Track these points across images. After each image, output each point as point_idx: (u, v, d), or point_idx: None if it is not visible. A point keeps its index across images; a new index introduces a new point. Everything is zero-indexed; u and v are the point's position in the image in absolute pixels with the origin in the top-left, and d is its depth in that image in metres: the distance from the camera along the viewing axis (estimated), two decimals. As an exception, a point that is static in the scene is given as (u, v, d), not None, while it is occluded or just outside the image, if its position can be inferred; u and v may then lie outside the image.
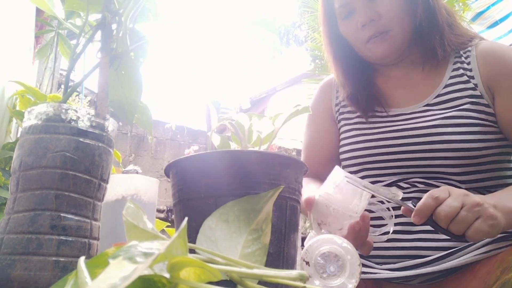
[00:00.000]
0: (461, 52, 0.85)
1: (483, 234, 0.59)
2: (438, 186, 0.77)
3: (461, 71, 0.83)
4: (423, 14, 0.82)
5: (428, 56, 0.85)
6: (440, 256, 0.72)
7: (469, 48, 0.85)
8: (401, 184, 0.80)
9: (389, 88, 0.90)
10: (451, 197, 0.60)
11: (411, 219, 0.76)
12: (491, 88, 0.80)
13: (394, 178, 0.81)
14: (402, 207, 0.65)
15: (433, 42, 0.83)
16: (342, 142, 0.90)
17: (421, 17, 0.82)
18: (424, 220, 0.61)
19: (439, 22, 0.83)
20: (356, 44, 0.88)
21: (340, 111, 0.95)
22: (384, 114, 0.87)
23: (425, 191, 0.74)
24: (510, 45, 2.90)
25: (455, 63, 0.85)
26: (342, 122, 0.93)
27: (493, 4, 3.00)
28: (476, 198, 0.60)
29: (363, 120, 0.89)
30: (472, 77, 0.82)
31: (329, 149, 0.94)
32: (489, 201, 0.61)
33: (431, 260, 0.73)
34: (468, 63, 0.83)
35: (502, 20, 2.94)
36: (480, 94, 0.80)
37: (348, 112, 0.93)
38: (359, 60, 0.92)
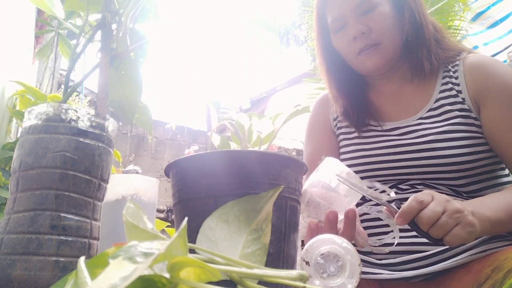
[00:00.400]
0: (450, 66, 0.89)
1: (460, 240, 0.60)
2: (437, 188, 0.79)
3: (450, 85, 0.86)
4: (410, 30, 0.86)
5: (416, 69, 0.88)
6: (438, 252, 0.74)
7: (457, 62, 0.88)
8: (401, 186, 0.82)
9: (382, 103, 0.93)
10: (434, 202, 0.62)
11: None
12: (477, 102, 0.83)
13: (395, 182, 0.83)
14: (385, 208, 0.66)
15: (420, 56, 0.86)
16: (341, 157, 0.91)
17: (407, 32, 0.86)
18: (407, 222, 0.62)
19: (426, 37, 0.87)
20: (349, 57, 0.90)
21: (338, 125, 0.97)
22: (379, 128, 0.90)
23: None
24: (510, 45, 2.90)
25: (444, 77, 0.88)
26: (341, 137, 0.96)
27: (493, 4, 3.00)
28: (457, 204, 0.62)
29: (360, 134, 0.91)
30: (460, 92, 0.85)
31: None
32: (468, 208, 0.63)
33: (430, 255, 0.74)
34: (456, 78, 0.87)
35: (502, 20, 2.95)
36: (468, 108, 0.83)
37: (346, 126, 0.95)
38: (352, 74, 0.95)
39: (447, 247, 0.74)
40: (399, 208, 0.63)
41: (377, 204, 0.72)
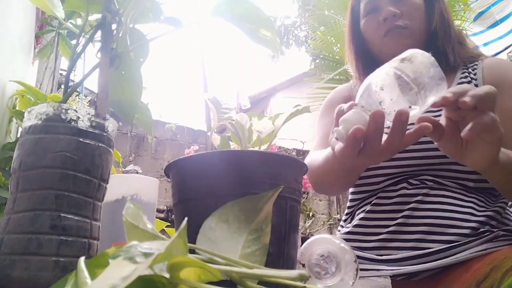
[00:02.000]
0: (469, 65, 0.92)
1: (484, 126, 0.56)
2: (447, 184, 0.80)
3: (469, 78, 0.90)
4: (439, 24, 0.90)
5: (439, 61, 0.89)
6: (441, 249, 0.74)
7: (476, 63, 0.92)
8: (412, 181, 0.83)
9: None
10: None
11: (412, 213, 0.78)
12: None
13: (405, 176, 0.85)
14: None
15: (446, 49, 0.90)
16: None
17: (436, 25, 0.90)
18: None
19: (451, 35, 0.91)
20: (374, 40, 0.94)
21: None
22: None
23: (435, 188, 0.80)
24: (510, 45, 2.90)
25: (463, 72, 0.92)
26: None
27: (493, 4, 3.00)
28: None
29: None
30: (477, 86, 0.87)
31: None
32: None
33: (432, 252, 0.75)
34: (475, 74, 0.90)
35: (502, 20, 2.95)
36: None
37: None
38: (376, 63, 0.97)
39: (452, 244, 0.74)
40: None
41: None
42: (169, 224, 1.10)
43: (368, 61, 1.00)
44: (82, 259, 0.28)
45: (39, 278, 0.46)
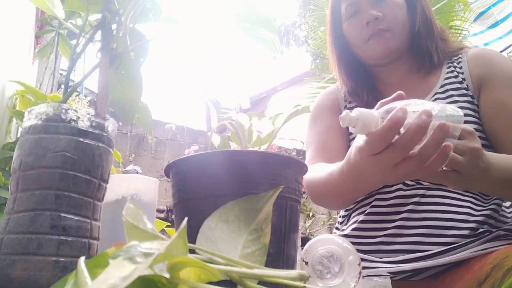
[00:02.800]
0: (454, 59, 0.93)
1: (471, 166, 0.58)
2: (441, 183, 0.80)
3: (455, 73, 0.90)
4: (421, 23, 0.90)
5: (423, 61, 0.91)
6: (440, 251, 0.74)
7: (460, 55, 0.92)
8: (407, 181, 0.83)
9: (389, 93, 0.94)
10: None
11: (410, 215, 0.78)
12: (479, 88, 0.85)
13: None
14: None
15: (429, 48, 0.90)
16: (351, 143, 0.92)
17: (419, 25, 0.89)
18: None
19: (434, 33, 0.91)
20: (358, 43, 0.92)
21: (347, 107, 0.99)
22: None
23: (431, 188, 0.80)
24: (510, 45, 2.91)
25: (449, 67, 0.92)
26: None
27: (493, 5, 3.01)
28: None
29: None
30: (464, 79, 0.87)
31: (340, 143, 0.95)
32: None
33: (431, 254, 0.75)
34: (460, 67, 0.90)
35: (502, 20, 2.95)
36: (471, 94, 0.86)
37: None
38: (359, 66, 0.98)
39: (451, 246, 0.74)
40: None
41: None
42: (169, 224, 1.10)
43: (351, 64, 0.98)
44: (82, 259, 0.28)
45: (39, 278, 0.46)
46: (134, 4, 0.63)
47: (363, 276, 0.53)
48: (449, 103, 0.84)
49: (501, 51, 2.93)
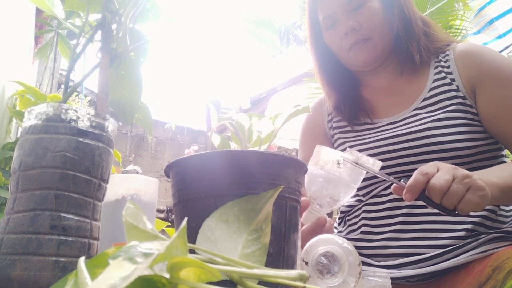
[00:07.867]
0: (440, 57, 0.90)
1: (473, 205, 0.60)
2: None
3: (443, 74, 0.87)
4: (400, 24, 0.88)
5: (406, 63, 0.90)
6: (437, 254, 0.74)
7: (447, 52, 0.90)
8: None
9: (376, 98, 0.94)
10: (442, 171, 0.61)
11: (406, 219, 0.77)
12: (472, 88, 0.83)
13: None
14: (393, 185, 0.65)
15: (410, 50, 0.88)
16: None
17: (398, 27, 0.88)
18: (416, 196, 0.61)
19: (415, 31, 0.89)
20: (340, 53, 0.92)
21: (333, 126, 0.99)
22: (378, 123, 0.91)
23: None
24: (510, 45, 2.91)
25: (436, 67, 0.89)
26: (336, 136, 0.97)
27: (489, 3, 3.01)
28: (464, 171, 0.61)
29: (355, 129, 0.92)
30: (454, 80, 0.85)
31: None
32: (475, 175, 0.63)
33: (429, 257, 0.74)
34: (448, 67, 0.88)
35: (497, 18, 2.95)
36: (463, 95, 0.84)
37: (340, 127, 0.97)
38: (344, 71, 0.97)
39: (449, 248, 0.74)
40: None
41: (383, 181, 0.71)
42: (169, 224, 1.10)
43: (335, 71, 0.96)
44: (82, 259, 0.28)
45: (39, 278, 0.46)
46: (134, 4, 0.63)
47: (363, 277, 0.53)
48: (439, 108, 0.83)
49: (501, 51, 2.93)
